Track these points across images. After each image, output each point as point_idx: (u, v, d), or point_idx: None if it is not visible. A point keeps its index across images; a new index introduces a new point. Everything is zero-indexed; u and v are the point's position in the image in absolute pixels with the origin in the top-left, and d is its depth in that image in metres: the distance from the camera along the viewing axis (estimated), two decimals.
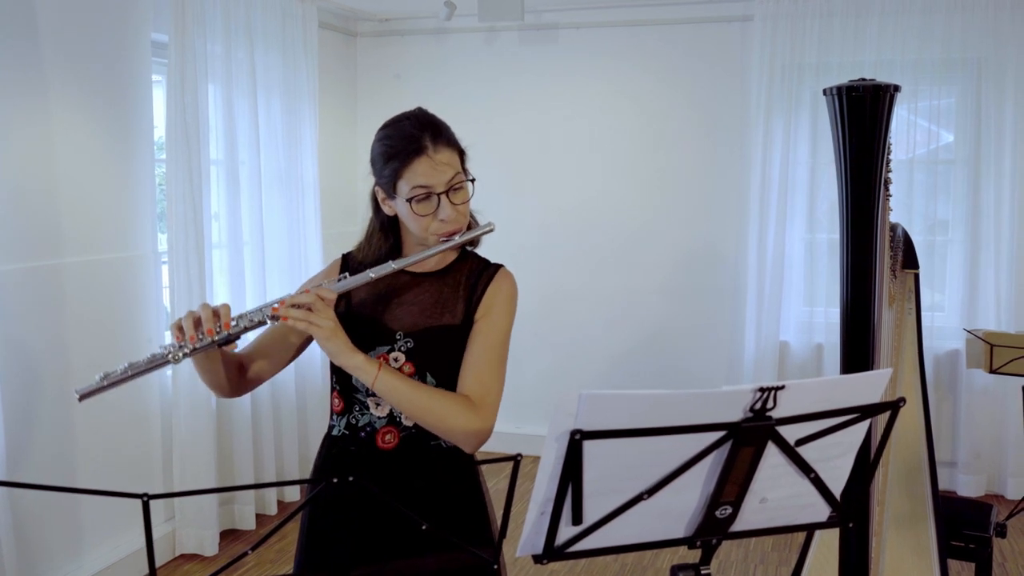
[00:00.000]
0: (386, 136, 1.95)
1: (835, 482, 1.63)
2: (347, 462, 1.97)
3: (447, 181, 1.90)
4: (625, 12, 5.46)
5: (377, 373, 1.83)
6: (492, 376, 1.92)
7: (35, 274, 3.61)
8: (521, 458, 1.44)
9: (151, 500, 1.29)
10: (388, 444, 1.95)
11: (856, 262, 2.66)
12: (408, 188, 1.89)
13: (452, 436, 1.88)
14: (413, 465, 1.96)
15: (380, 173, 1.95)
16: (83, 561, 3.87)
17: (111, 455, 3.98)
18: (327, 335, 1.82)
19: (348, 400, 1.99)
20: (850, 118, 2.61)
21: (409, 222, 1.94)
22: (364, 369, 1.83)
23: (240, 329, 1.84)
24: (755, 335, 5.20)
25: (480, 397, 1.89)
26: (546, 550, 1.47)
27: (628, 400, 1.39)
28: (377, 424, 1.95)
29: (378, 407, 1.95)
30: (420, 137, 1.90)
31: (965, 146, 4.94)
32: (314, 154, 5.01)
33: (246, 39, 4.48)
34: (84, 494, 4.07)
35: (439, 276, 2.00)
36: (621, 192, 5.59)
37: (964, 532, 3.27)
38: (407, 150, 1.89)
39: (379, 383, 1.83)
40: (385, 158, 1.93)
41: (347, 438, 1.98)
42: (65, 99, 3.73)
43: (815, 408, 1.52)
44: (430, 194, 1.89)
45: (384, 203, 1.98)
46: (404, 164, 1.89)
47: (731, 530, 1.61)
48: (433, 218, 1.91)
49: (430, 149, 1.89)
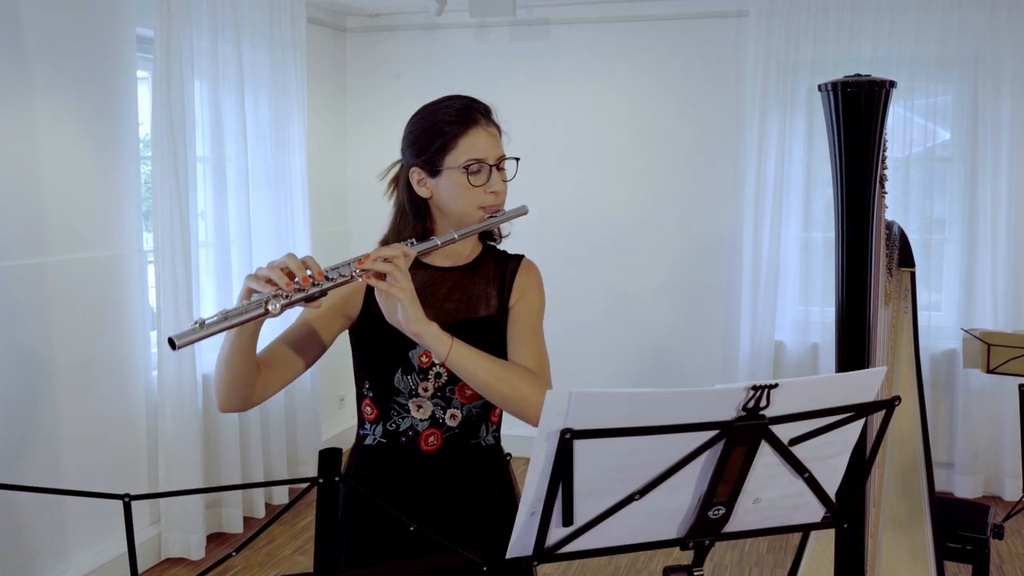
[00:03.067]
0: (433, 112, 1.94)
1: (829, 482, 1.60)
2: (387, 470, 1.95)
3: (498, 155, 1.94)
4: (618, 7, 5.42)
5: (452, 343, 1.76)
6: (543, 350, 1.94)
7: (19, 272, 3.56)
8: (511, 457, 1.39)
9: (132, 501, 1.25)
10: (432, 446, 1.93)
11: (851, 260, 2.64)
12: (464, 158, 1.89)
13: (525, 405, 1.82)
14: (455, 465, 1.95)
15: (424, 149, 1.91)
16: (68, 564, 3.81)
17: (96, 456, 3.92)
18: (408, 297, 1.72)
19: (385, 406, 1.94)
20: (845, 114, 2.58)
21: (456, 196, 1.91)
22: (440, 338, 1.75)
23: (330, 284, 1.68)
24: (750, 334, 5.17)
25: (539, 368, 1.90)
26: (536, 551, 1.44)
27: (619, 399, 1.35)
28: (419, 427, 1.93)
29: (419, 409, 1.92)
30: (475, 110, 1.94)
31: (962, 144, 4.91)
32: (302, 151, 4.96)
33: (233, 34, 4.42)
34: (65, 495, 4.03)
35: (468, 269, 1.99)
36: (615, 190, 5.55)
37: (961, 534, 3.23)
38: (464, 120, 1.91)
39: (454, 353, 1.76)
40: (435, 132, 1.91)
41: (384, 446, 1.95)
42: (49, 95, 3.67)
43: (809, 407, 1.49)
44: (483, 166, 1.91)
45: (421, 184, 1.94)
46: (460, 134, 1.89)
47: (724, 531, 1.58)
48: (483, 190, 1.91)
49: (483, 122, 1.94)
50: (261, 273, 1.67)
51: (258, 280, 1.66)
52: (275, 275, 1.65)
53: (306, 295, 1.65)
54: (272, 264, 1.68)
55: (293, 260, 1.67)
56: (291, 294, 1.63)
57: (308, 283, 1.65)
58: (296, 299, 1.64)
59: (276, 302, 1.61)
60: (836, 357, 2.68)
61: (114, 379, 4.03)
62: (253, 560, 4.27)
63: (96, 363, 3.93)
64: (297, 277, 1.65)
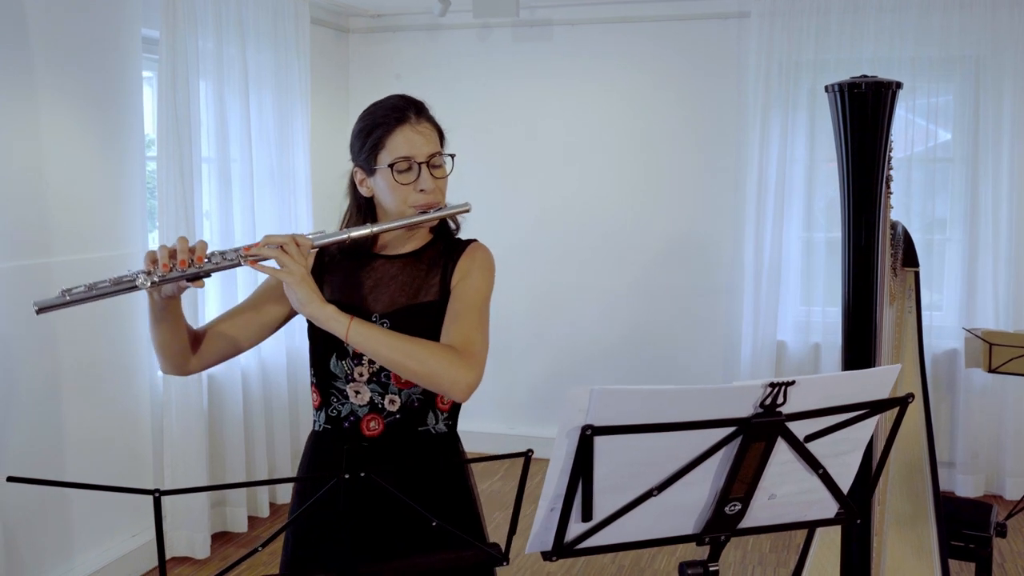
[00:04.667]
0: (369, 112, 1.98)
1: (843, 478, 1.62)
2: (333, 457, 1.95)
3: (428, 153, 1.93)
4: (620, 9, 5.44)
5: (349, 323, 1.79)
6: (474, 328, 1.89)
7: (24, 273, 3.56)
8: (532, 453, 1.41)
9: (162, 496, 1.29)
10: (373, 431, 1.95)
11: (858, 260, 2.64)
12: (390, 156, 1.92)
13: (439, 381, 1.82)
14: (400, 452, 1.95)
15: (361, 148, 1.97)
16: (73, 564, 3.82)
17: (101, 456, 3.93)
18: (298, 280, 1.78)
19: (325, 392, 1.98)
20: (852, 115, 2.59)
21: (388, 194, 1.94)
22: (336, 318, 1.80)
23: (212, 266, 1.77)
24: (752, 334, 5.18)
25: (463, 346, 1.85)
26: (555, 547, 1.45)
27: (639, 396, 1.37)
28: (360, 412, 1.96)
29: (357, 395, 1.95)
30: (405, 108, 1.96)
31: (963, 144, 4.92)
32: (306, 152, 4.97)
33: (237, 35, 4.43)
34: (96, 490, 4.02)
35: (413, 257, 2.01)
36: (616, 189, 5.56)
37: (964, 532, 3.24)
38: (391, 118, 1.93)
39: (352, 332, 1.79)
40: (367, 131, 1.95)
41: (330, 432, 1.99)
42: (54, 96, 3.68)
43: (824, 404, 1.51)
44: (411, 164, 1.92)
45: (362, 184, 1.99)
46: (388, 132, 1.92)
47: (740, 526, 1.60)
48: (413, 188, 1.93)
49: (413, 120, 1.94)
50: (149, 251, 1.78)
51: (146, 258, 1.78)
52: (161, 254, 1.76)
53: (180, 275, 1.75)
54: (163, 245, 1.78)
55: (181, 242, 1.78)
56: (165, 274, 1.74)
57: (185, 265, 1.75)
58: (170, 278, 1.75)
59: (147, 278, 1.74)
60: (842, 357, 2.69)
61: (119, 379, 4.03)
62: (258, 559, 4.27)
63: (101, 363, 3.94)
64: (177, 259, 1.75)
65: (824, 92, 2.66)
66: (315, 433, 2.04)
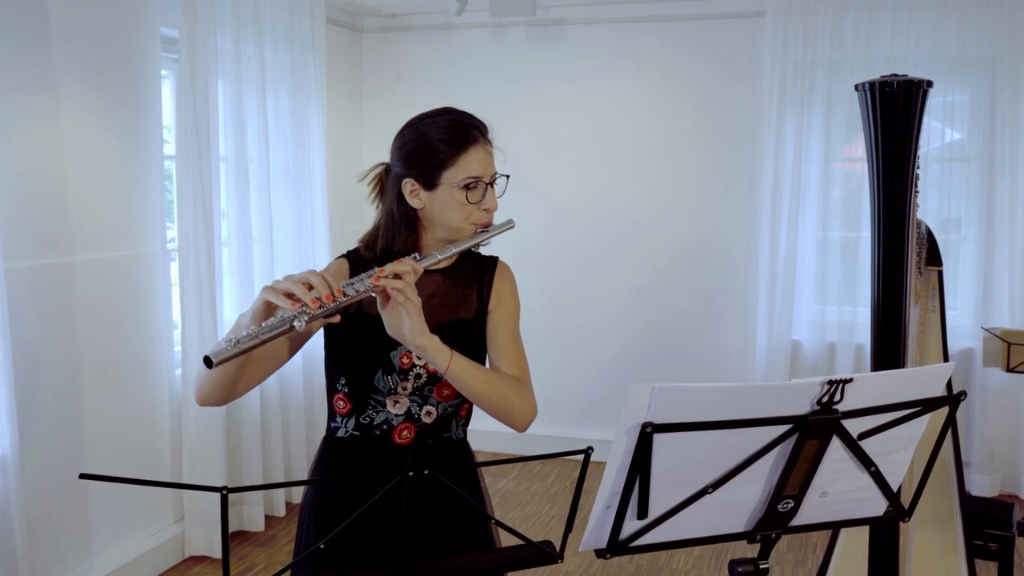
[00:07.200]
0: (432, 126, 1.96)
1: (894, 476, 1.62)
2: (358, 462, 1.97)
3: (493, 173, 1.99)
4: (635, 8, 5.44)
5: (451, 356, 1.83)
6: (522, 356, 2.02)
7: (45, 272, 3.56)
8: (592, 451, 1.41)
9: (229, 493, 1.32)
10: (405, 440, 1.97)
11: (888, 259, 2.63)
12: (462, 176, 1.93)
13: (515, 413, 1.92)
14: (430, 458, 1.99)
15: (420, 163, 1.94)
16: (94, 562, 3.82)
17: (120, 454, 3.93)
18: (416, 311, 1.79)
19: (361, 401, 1.97)
20: (883, 114, 2.59)
21: (449, 210, 1.94)
22: (441, 351, 1.82)
23: (349, 299, 1.76)
24: (767, 333, 5.18)
25: (522, 373, 1.99)
26: (610, 544, 1.45)
27: (699, 393, 1.38)
28: (394, 421, 1.96)
29: (396, 405, 1.95)
30: (475, 127, 1.98)
31: (979, 144, 4.92)
32: (322, 151, 4.97)
33: (255, 33, 4.43)
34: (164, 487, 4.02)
35: (448, 274, 2.02)
36: (631, 190, 5.56)
37: (986, 531, 3.24)
38: (465, 138, 1.94)
39: (454, 366, 1.83)
40: (431, 146, 1.93)
41: (357, 439, 1.98)
42: (74, 95, 3.68)
43: (879, 401, 1.51)
44: (479, 183, 1.94)
45: (413, 195, 1.95)
46: (461, 151, 1.93)
47: (791, 524, 1.60)
48: (478, 207, 1.95)
49: (482, 140, 1.97)
50: (280, 287, 1.72)
51: (276, 293, 1.72)
52: (298, 290, 1.71)
53: (326, 311, 1.72)
54: (292, 278, 1.73)
55: (316, 276, 1.74)
56: (315, 311, 1.70)
57: (329, 300, 1.71)
58: (318, 314, 1.71)
59: (301, 319, 1.68)
60: (871, 355, 2.69)
61: (138, 377, 4.03)
62: (275, 559, 4.28)
63: (120, 361, 3.94)
64: (320, 293, 1.71)
65: (854, 91, 2.67)
66: (338, 439, 2.00)
